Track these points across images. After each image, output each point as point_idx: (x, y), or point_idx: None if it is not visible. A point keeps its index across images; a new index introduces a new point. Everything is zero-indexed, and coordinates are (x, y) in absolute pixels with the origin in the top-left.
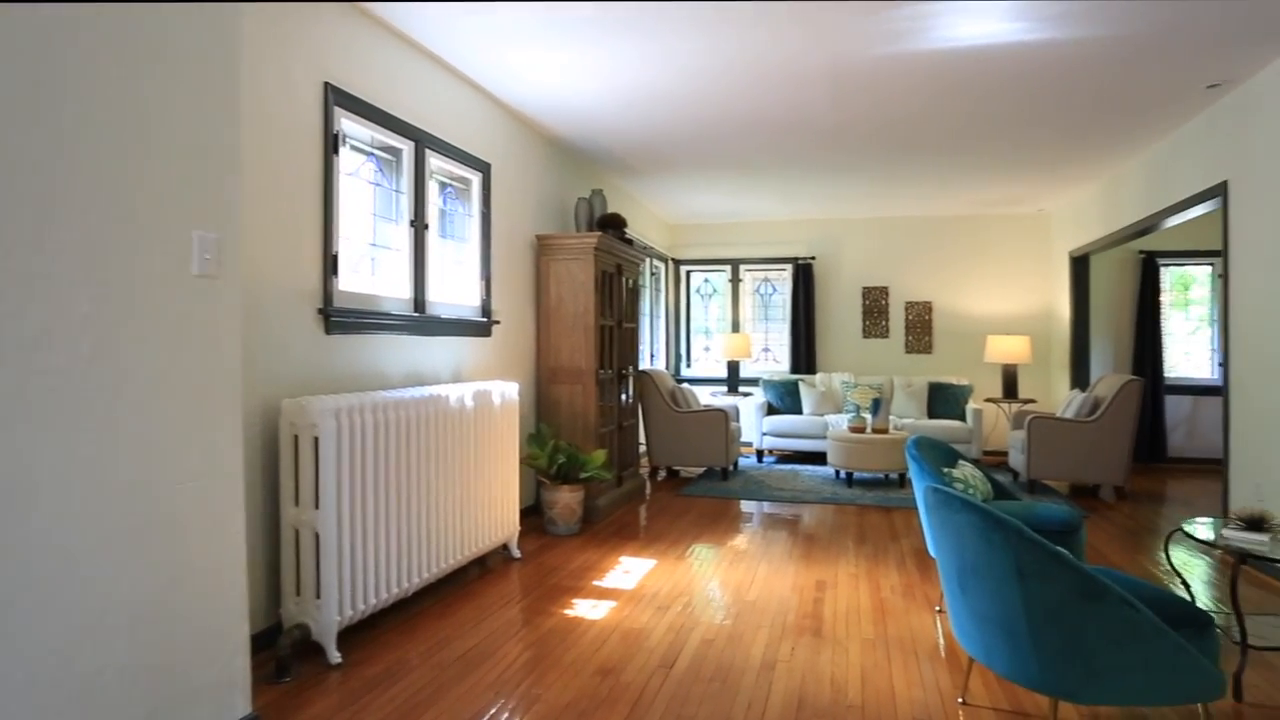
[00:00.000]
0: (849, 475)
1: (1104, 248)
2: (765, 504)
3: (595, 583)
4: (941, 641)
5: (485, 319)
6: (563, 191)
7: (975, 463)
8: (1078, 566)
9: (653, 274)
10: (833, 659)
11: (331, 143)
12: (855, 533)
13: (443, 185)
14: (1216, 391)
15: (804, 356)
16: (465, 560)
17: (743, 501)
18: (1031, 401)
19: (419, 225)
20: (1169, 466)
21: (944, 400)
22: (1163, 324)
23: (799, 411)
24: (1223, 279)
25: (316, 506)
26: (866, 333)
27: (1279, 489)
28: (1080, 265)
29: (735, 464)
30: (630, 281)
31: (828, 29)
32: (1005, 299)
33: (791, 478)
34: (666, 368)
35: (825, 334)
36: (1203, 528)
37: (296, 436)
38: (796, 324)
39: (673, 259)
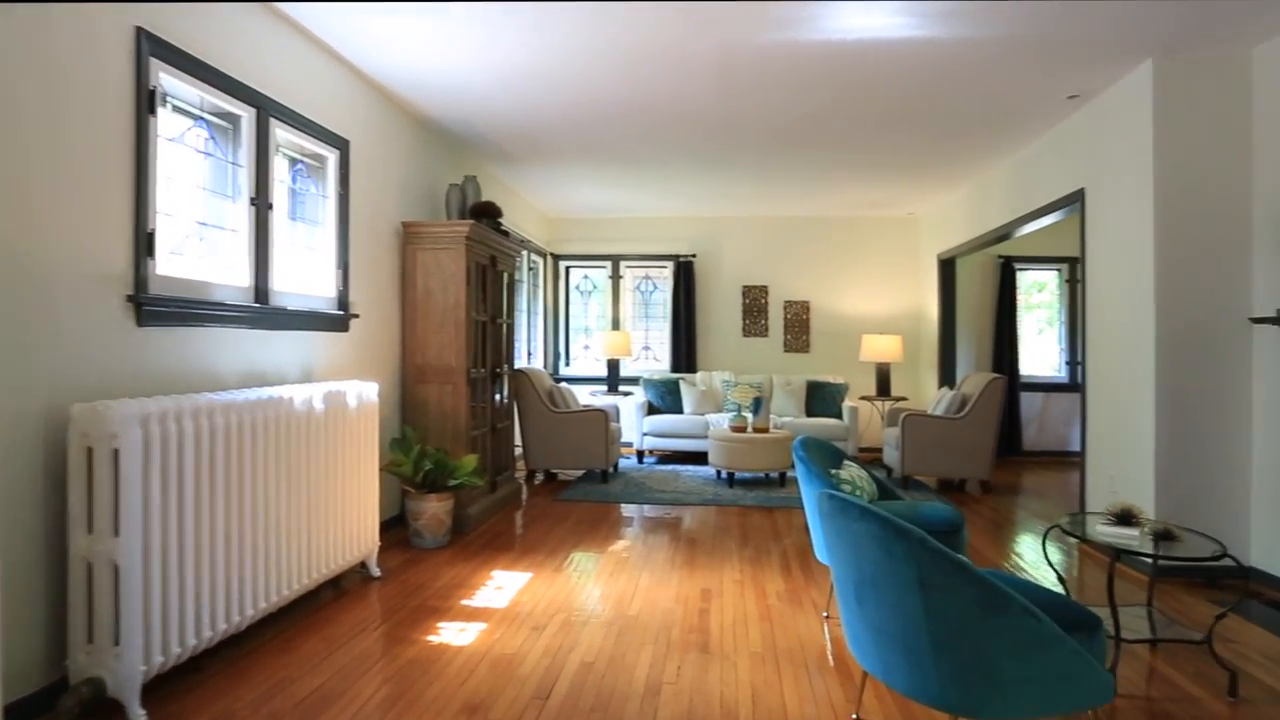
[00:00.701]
0: (730, 475)
1: (968, 251)
2: (647, 507)
3: (464, 602)
4: (830, 649)
5: (342, 312)
6: (433, 177)
7: (859, 463)
8: (982, 577)
9: (531, 269)
10: (721, 677)
11: (146, 100)
12: (738, 535)
13: (293, 161)
14: (1064, 389)
15: (685, 355)
16: (314, 583)
17: (624, 505)
18: (903, 399)
19: (262, 204)
20: (1024, 459)
21: (822, 399)
22: (1018, 325)
23: (680, 411)
24: (1070, 283)
25: (116, 534)
26: (747, 331)
27: (1130, 481)
28: (947, 268)
29: (616, 465)
30: (506, 275)
31: (715, 13)
32: (878, 299)
33: (673, 479)
34: (545, 366)
35: (706, 332)
36: (1078, 524)
37: (90, 449)
38: (677, 322)
39: (552, 254)
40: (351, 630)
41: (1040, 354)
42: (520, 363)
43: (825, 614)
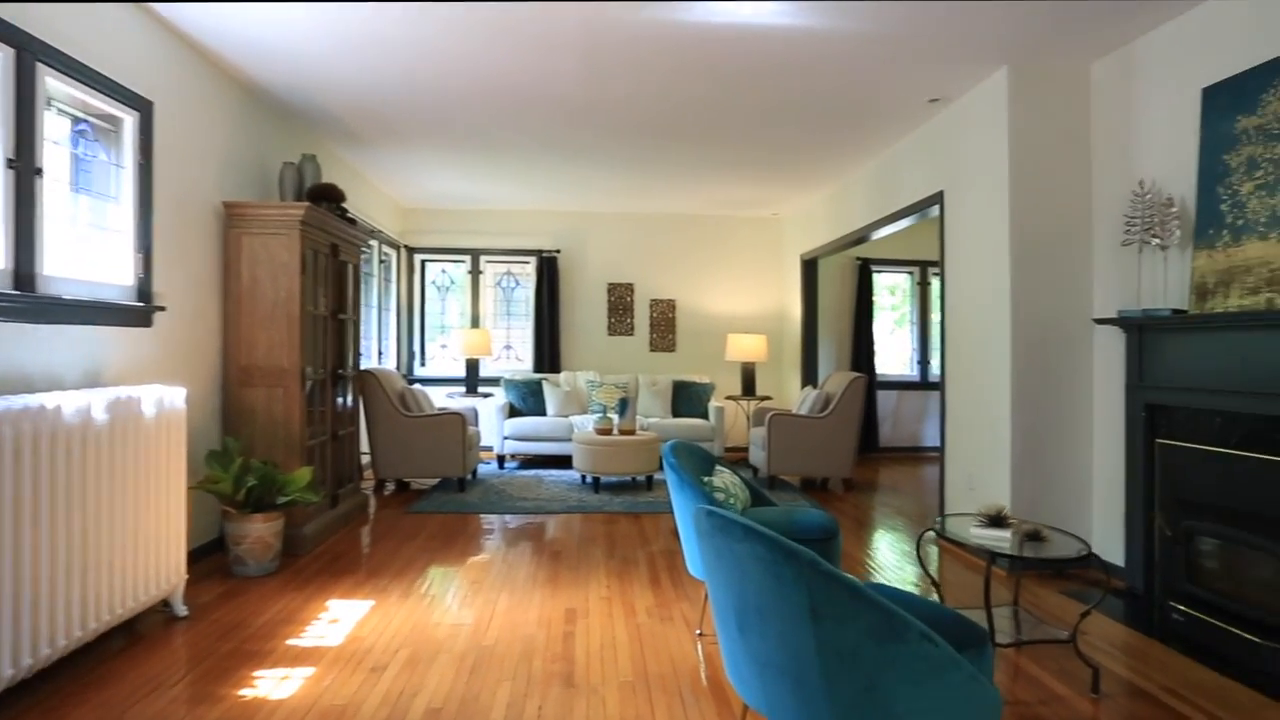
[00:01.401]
0: (596, 480)
1: (830, 252)
2: (508, 516)
3: (291, 641)
4: (705, 670)
5: (143, 304)
6: (264, 153)
7: (731, 468)
8: (879, 603)
9: (382, 261)
10: (588, 714)
11: None
12: (605, 544)
13: (76, 120)
14: (915, 387)
15: (548, 354)
16: (96, 632)
17: (482, 515)
18: (768, 399)
19: (25, 168)
20: (880, 455)
21: (688, 398)
22: (874, 325)
23: (543, 413)
24: (921, 286)
25: None
26: (612, 330)
27: (987, 478)
28: (810, 269)
29: (474, 472)
30: (351, 266)
31: None
32: (743, 299)
33: (535, 485)
34: (398, 367)
35: (570, 331)
36: (952, 527)
37: None
38: (540, 320)
39: (406, 246)
40: (140, 689)
41: (893, 353)
42: (369, 363)
43: (699, 631)
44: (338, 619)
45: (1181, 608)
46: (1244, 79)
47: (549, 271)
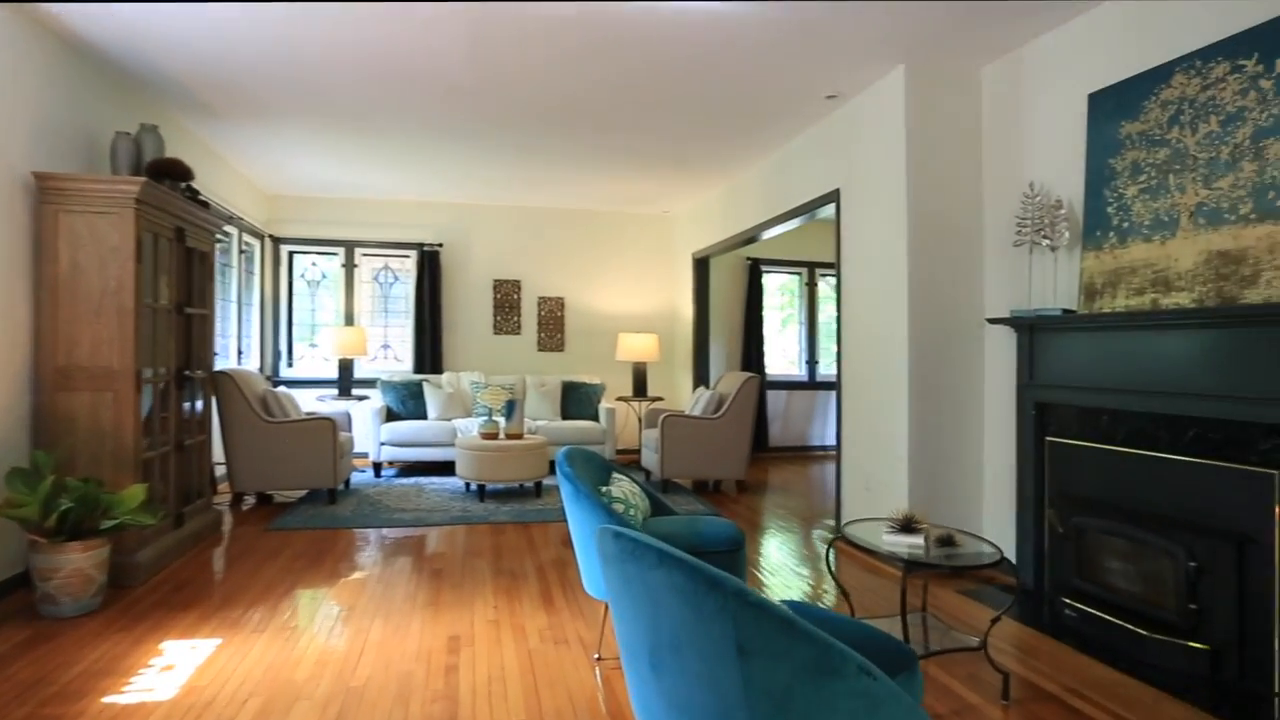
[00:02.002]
0: (481, 488)
1: (722, 251)
2: (384, 530)
3: (109, 699)
4: (604, 701)
5: None
6: (92, 122)
7: (629, 475)
8: (815, 636)
9: (244, 252)
10: None
11: None
12: (491, 557)
13: None
14: (804, 386)
15: (430, 354)
16: None
17: (356, 530)
18: (660, 399)
19: None
20: (770, 455)
21: (577, 400)
22: (764, 325)
23: (424, 416)
24: (809, 286)
25: None
26: (498, 329)
27: (884, 479)
28: (701, 267)
29: (347, 482)
30: (201, 254)
31: None
32: (634, 298)
33: (415, 494)
34: (261, 368)
35: (453, 330)
36: (861, 530)
37: None
38: (421, 318)
39: (271, 236)
40: None
41: (782, 353)
42: (227, 363)
43: (597, 655)
44: (173, 665)
45: (1074, 604)
46: (1127, 86)
47: (431, 266)
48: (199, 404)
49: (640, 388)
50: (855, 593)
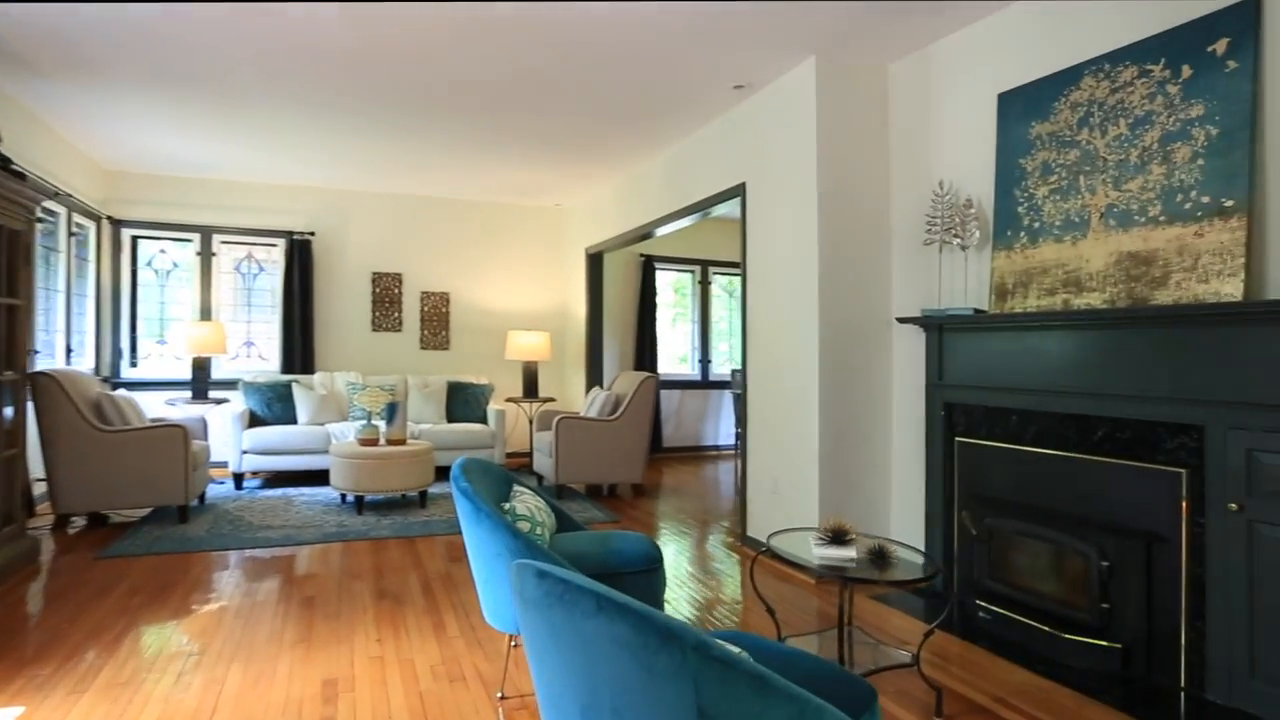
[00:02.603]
0: (360, 499)
1: (617, 247)
2: (247, 552)
3: None
4: None
5: None
6: None
7: (531, 488)
8: (792, 693)
9: (75, 235)
10: None
11: None
12: (373, 579)
13: None
14: (697, 386)
15: (300, 353)
16: None
17: (212, 553)
18: (551, 400)
19: None
20: (664, 456)
21: (464, 401)
22: (657, 324)
23: (293, 421)
24: (703, 285)
25: None
26: (377, 325)
27: (793, 480)
28: (595, 263)
29: (202, 496)
30: (11, 235)
31: None
32: (524, 294)
33: (284, 508)
34: (97, 368)
35: (327, 326)
36: (786, 543)
37: None
38: (290, 313)
39: (110, 218)
40: None
41: (674, 352)
42: (51, 363)
43: (500, 694)
44: None
45: (987, 605)
46: (1038, 87)
47: (302, 256)
48: (9, 411)
49: (531, 388)
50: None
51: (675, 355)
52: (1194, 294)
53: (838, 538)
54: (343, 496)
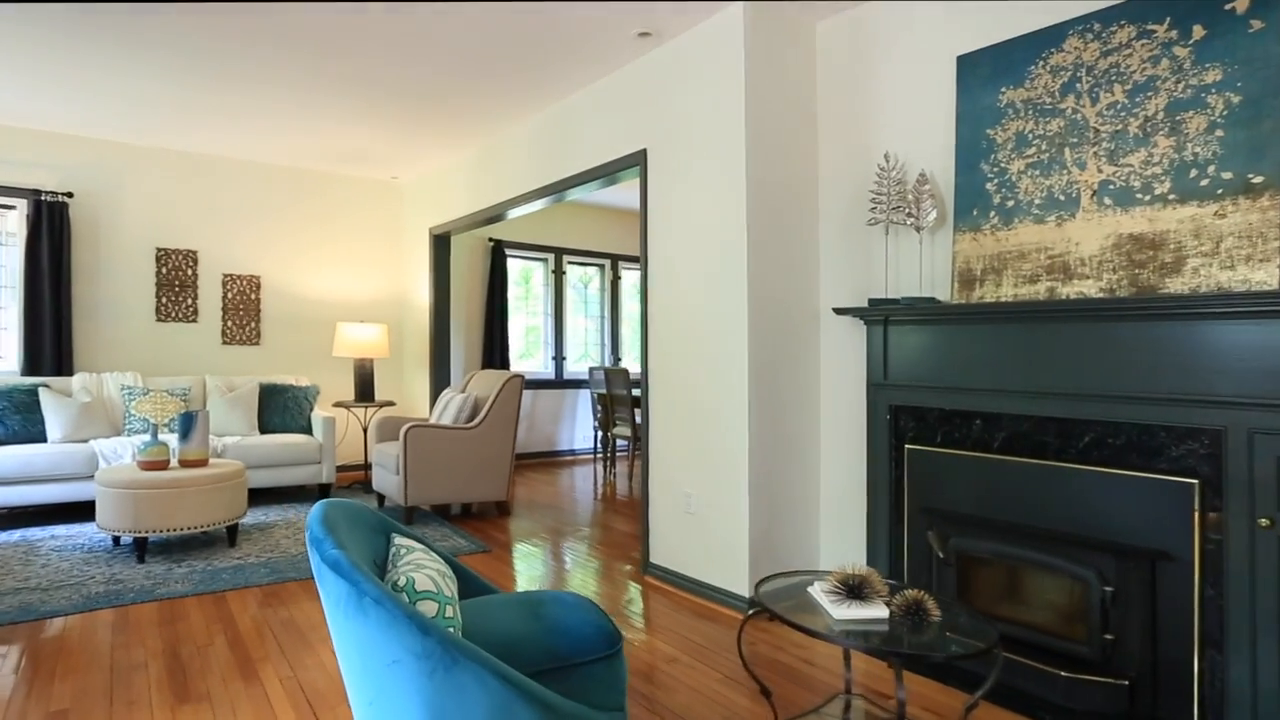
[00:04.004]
0: (141, 541)
1: (468, 228)
2: None
3: None
4: None
5: None
6: None
7: (417, 537)
8: None
9: None
10: None
11: None
12: (165, 668)
13: None
14: (550, 385)
15: (51, 349)
16: None
17: None
18: (390, 404)
19: None
20: (517, 463)
21: (282, 407)
22: (509, 317)
23: (42, 437)
24: (556, 274)
25: None
26: (165, 315)
27: (712, 498)
28: (441, 246)
29: None
30: None
31: None
32: (355, 280)
33: (23, 560)
34: None
35: (92, 315)
36: (782, 597)
37: None
38: (37, 297)
39: None
40: None
41: (524, 349)
42: None
43: None
44: None
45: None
46: (1007, 49)
47: (54, 224)
48: None
49: (366, 390)
50: (716, 652)
51: (524, 352)
52: (1216, 281)
53: (858, 591)
54: (115, 538)
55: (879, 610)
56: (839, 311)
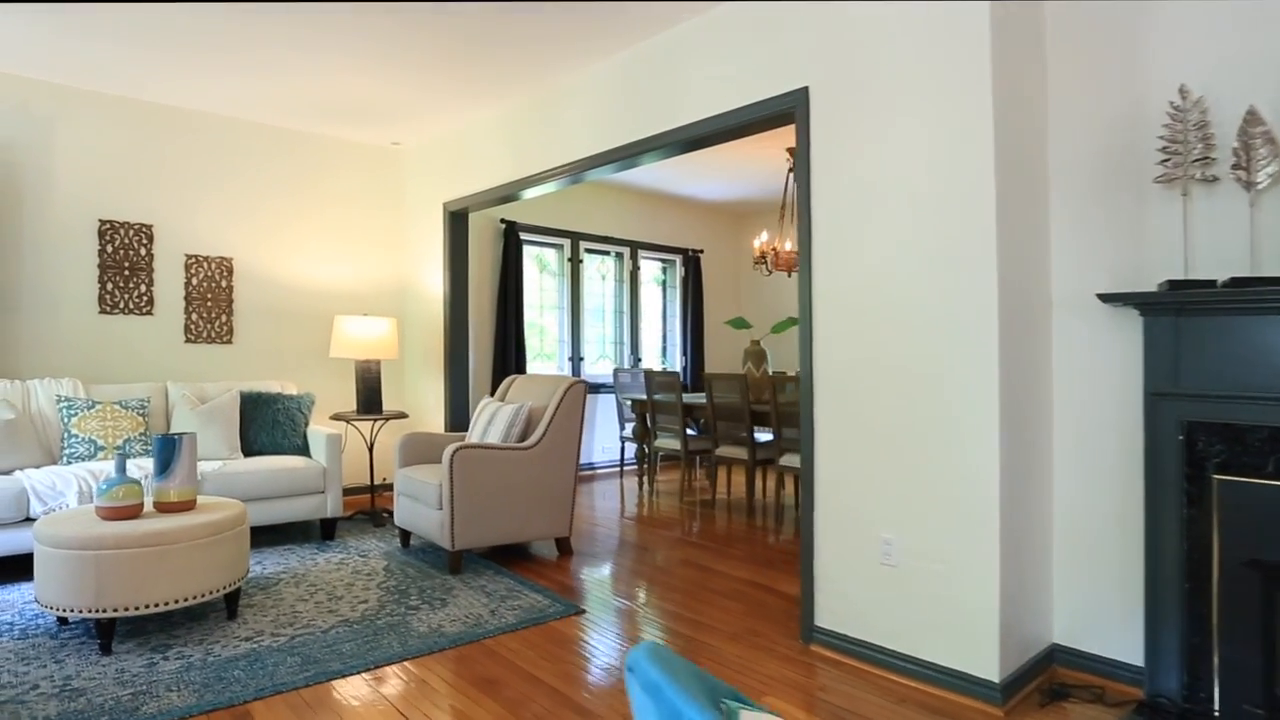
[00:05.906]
0: (107, 626)
1: (497, 200)
2: None
3: None
4: None
5: None
6: None
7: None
8: None
9: None
10: None
11: None
12: None
13: None
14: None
15: None
16: None
17: None
18: (403, 416)
19: None
20: None
21: (270, 422)
22: (524, 310)
23: None
24: (573, 263)
25: None
26: (111, 305)
27: (927, 549)
28: (459, 225)
29: None
30: None
31: None
32: (350, 265)
33: None
34: None
35: (13, 305)
36: None
37: None
38: None
39: None
40: None
41: (537, 346)
42: None
43: None
44: None
45: None
46: None
47: None
48: None
49: (373, 400)
50: None
51: (533, 351)
52: None
53: None
54: (61, 618)
55: None
56: (1104, 299)
